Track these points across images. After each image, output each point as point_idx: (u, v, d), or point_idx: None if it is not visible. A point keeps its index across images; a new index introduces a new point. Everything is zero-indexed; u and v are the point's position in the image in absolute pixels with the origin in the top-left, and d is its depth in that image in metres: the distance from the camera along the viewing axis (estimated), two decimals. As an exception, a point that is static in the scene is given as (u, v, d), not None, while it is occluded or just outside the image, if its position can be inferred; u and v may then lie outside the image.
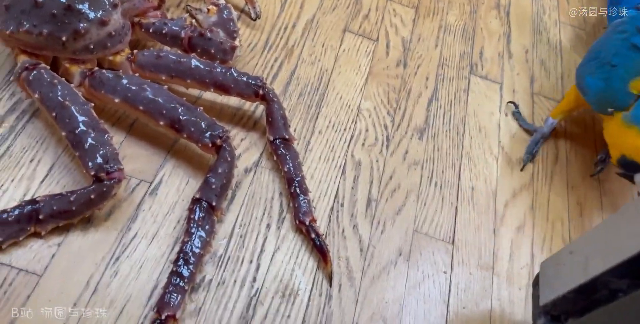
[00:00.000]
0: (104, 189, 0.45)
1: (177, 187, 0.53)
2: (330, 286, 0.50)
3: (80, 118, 0.47)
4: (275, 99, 0.56)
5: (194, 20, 0.62)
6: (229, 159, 0.50)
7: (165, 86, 0.53)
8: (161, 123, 0.50)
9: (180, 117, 0.50)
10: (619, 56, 0.59)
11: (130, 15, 0.58)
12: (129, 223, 0.49)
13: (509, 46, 0.79)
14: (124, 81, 0.51)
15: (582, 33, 0.84)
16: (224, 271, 0.49)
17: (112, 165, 0.45)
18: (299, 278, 0.50)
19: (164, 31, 0.58)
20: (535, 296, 0.44)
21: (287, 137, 0.55)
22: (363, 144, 0.62)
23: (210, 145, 0.50)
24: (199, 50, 0.57)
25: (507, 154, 0.67)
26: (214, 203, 0.48)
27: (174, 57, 0.54)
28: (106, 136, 0.47)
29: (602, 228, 0.41)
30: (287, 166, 0.53)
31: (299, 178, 0.53)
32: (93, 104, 0.49)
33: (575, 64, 0.78)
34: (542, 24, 0.83)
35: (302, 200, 0.52)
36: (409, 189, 0.60)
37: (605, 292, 0.37)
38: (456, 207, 0.60)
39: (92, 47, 0.52)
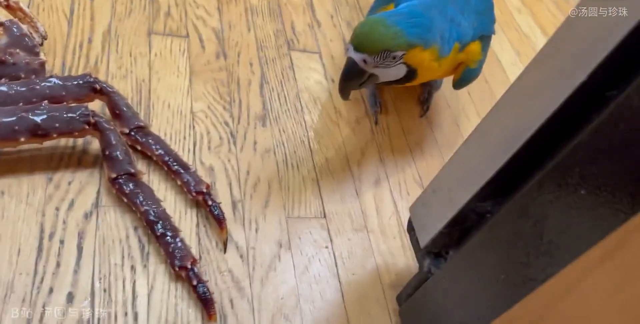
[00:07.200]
0: None
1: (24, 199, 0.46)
2: None
3: None
4: (114, 90, 0.55)
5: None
6: (110, 127, 0.51)
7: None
8: (22, 139, 0.48)
9: (39, 121, 0.48)
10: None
11: None
12: None
13: (315, 15, 0.81)
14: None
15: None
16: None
17: None
18: (185, 311, 0.48)
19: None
20: (415, 241, 0.47)
21: (142, 124, 0.55)
22: (209, 148, 0.61)
23: (87, 126, 0.50)
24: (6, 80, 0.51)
25: (345, 117, 0.70)
26: (132, 171, 0.50)
27: None
28: None
29: (455, 162, 0.45)
30: (158, 153, 0.54)
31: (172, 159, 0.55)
32: None
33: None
34: (338, -14, 0.87)
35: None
36: (269, 178, 0.61)
37: (474, 217, 0.41)
38: (318, 182, 0.62)
39: None
